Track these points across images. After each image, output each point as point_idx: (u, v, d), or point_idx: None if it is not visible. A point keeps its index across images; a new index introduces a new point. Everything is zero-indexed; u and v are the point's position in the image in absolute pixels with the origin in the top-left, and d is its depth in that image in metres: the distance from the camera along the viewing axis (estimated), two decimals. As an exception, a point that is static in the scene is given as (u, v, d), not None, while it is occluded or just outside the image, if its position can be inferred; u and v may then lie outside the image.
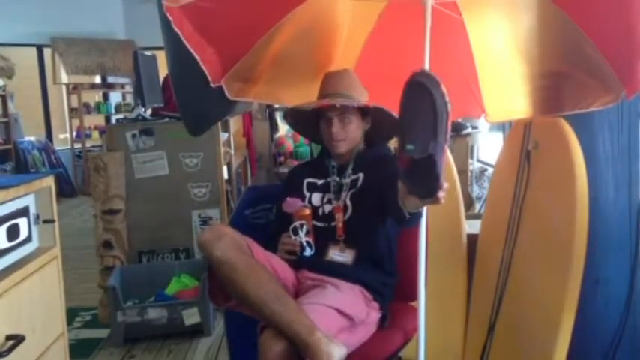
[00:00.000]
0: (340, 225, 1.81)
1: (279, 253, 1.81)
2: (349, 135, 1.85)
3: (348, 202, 1.83)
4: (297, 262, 1.81)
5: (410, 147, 1.31)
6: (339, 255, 1.80)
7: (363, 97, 1.87)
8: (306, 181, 1.94)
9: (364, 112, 1.88)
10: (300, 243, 1.79)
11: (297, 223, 1.80)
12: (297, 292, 1.74)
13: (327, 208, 1.86)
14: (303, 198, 1.90)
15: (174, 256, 3.23)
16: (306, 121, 1.94)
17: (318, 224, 1.84)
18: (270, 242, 1.83)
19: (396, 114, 1.62)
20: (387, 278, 1.83)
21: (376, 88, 1.94)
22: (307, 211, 1.83)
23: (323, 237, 1.82)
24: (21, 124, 7.53)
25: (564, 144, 1.77)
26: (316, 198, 1.89)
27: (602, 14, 1.60)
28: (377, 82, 1.97)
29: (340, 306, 1.60)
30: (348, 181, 1.87)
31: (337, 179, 1.89)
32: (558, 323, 1.69)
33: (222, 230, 1.63)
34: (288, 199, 1.84)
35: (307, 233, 1.80)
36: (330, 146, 1.89)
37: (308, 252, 1.80)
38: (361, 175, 1.86)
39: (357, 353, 1.57)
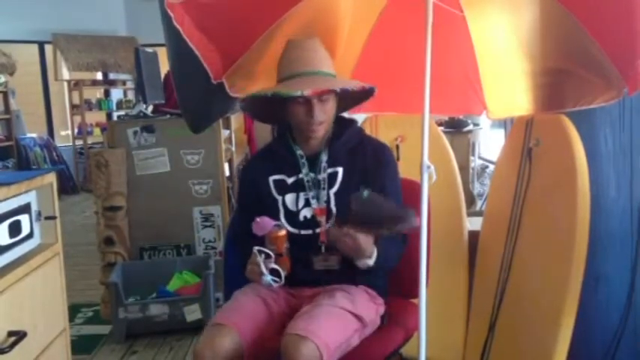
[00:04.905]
0: (324, 230, 1.61)
1: (249, 275, 1.56)
2: (328, 116, 1.63)
3: (333, 206, 1.62)
4: (288, 281, 1.56)
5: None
6: (324, 266, 1.63)
7: (332, 69, 1.67)
8: (272, 178, 1.68)
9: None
10: (262, 272, 1.49)
11: (267, 249, 1.51)
12: (297, 310, 1.56)
13: (307, 212, 1.63)
14: (273, 201, 1.65)
15: (175, 252, 3.24)
16: (267, 104, 1.67)
17: (301, 232, 1.62)
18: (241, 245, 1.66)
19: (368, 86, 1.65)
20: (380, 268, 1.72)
21: (378, 85, 1.93)
22: (281, 233, 1.53)
23: (305, 247, 1.61)
24: (22, 120, 7.54)
25: (566, 141, 1.77)
26: (290, 200, 1.65)
27: (605, 11, 1.59)
28: (379, 79, 1.96)
29: (353, 309, 1.54)
30: (324, 176, 1.64)
31: (312, 175, 1.65)
32: (559, 321, 1.69)
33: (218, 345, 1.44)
34: (257, 219, 1.53)
35: (277, 259, 1.51)
36: (308, 131, 1.62)
37: (270, 281, 1.50)
38: (340, 170, 1.65)
39: (357, 351, 1.57)
